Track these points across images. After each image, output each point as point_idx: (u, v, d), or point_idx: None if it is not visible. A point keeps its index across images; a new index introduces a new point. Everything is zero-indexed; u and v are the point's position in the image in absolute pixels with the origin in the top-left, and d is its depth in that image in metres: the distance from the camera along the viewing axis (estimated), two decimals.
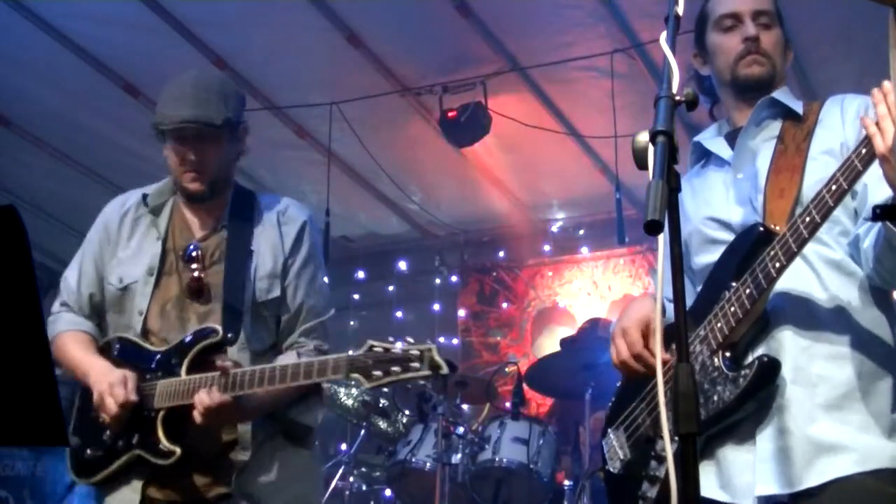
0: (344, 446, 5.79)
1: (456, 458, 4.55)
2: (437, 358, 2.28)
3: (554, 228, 6.60)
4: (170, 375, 2.58)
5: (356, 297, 7.02)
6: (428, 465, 4.56)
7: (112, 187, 6.09)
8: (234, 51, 4.92)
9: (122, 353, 2.65)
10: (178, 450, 2.49)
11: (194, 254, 2.69)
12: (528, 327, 6.64)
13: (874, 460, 1.89)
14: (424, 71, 5.03)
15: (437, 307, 6.89)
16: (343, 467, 5.11)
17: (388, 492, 5.09)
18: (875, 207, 1.82)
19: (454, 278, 6.95)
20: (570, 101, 5.20)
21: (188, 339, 2.61)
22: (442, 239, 6.91)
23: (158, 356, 2.62)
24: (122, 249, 2.76)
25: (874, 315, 2.01)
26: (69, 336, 2.71)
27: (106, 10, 4.60)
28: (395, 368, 2.29)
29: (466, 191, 6.20)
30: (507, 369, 5.46)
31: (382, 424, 5.30)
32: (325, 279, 2.86)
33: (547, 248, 6.64)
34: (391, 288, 7.06)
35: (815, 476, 1.89)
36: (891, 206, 1.79)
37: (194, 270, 2.67)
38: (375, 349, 2.33)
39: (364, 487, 5.20)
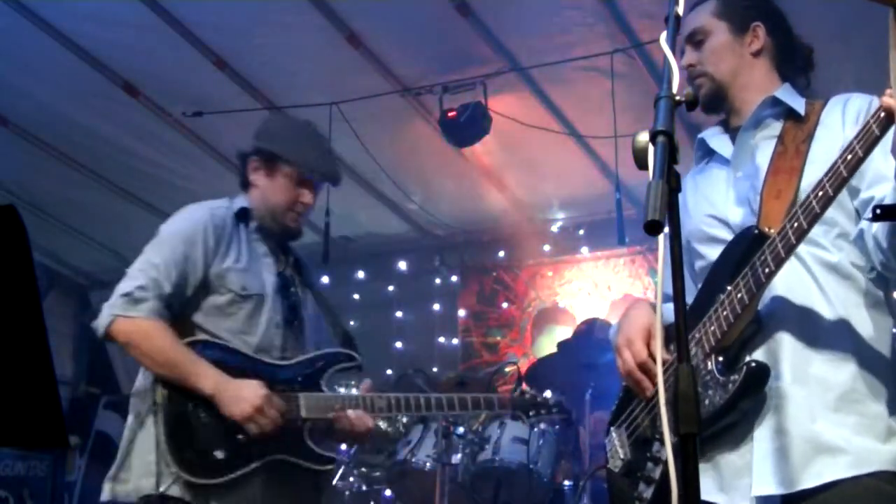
0: (344, 446, 5.76)
1: (456, 458, 4.54)
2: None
3: (554, 228, 6.59)
4: (309, 390, 2.84)
5: (356, 297, 7.01)
6: (428, 465, 4.55)
7: (111, 187, 6.09)
8: (234, 51, 4.92)
9: (236, 361, 2.78)
10: (334, 457, 2.82)
11: (290, 283, 2.96)
12: (528, 327, 6.63)
13: (870, 463, 1.89)
14: (424, 71, 5.02)
15: (437, 307, 6.89)
16: (343, 467, 5.10)
17: (388, 492, 5.08)
18: (875, 207, 1.82)
19: (454, 278, 6.94)
20: (570, 101, 5.20)
21: (317, 358, 2.92)
22: (442, 239, 6.90)
23: (285, 370, 2.84)
24: (231, 260, 2.84)
25: (871, 318, 2.01)
26: (162, 327, 2.71)
27: (106, 10, 4.60)
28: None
29: (466, 191, 6.20)
30: (507, 369, 5.44)
31: (382, 424, 5.28)
32: None
33: (547, 248, 6.63)
34: (391, 288, 7.05)
35: (812, 477, 1.89)
36: (892, 207, 1.79)
37: (292, 297, 2.94)
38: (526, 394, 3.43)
39: (364, 487, 5.19)
